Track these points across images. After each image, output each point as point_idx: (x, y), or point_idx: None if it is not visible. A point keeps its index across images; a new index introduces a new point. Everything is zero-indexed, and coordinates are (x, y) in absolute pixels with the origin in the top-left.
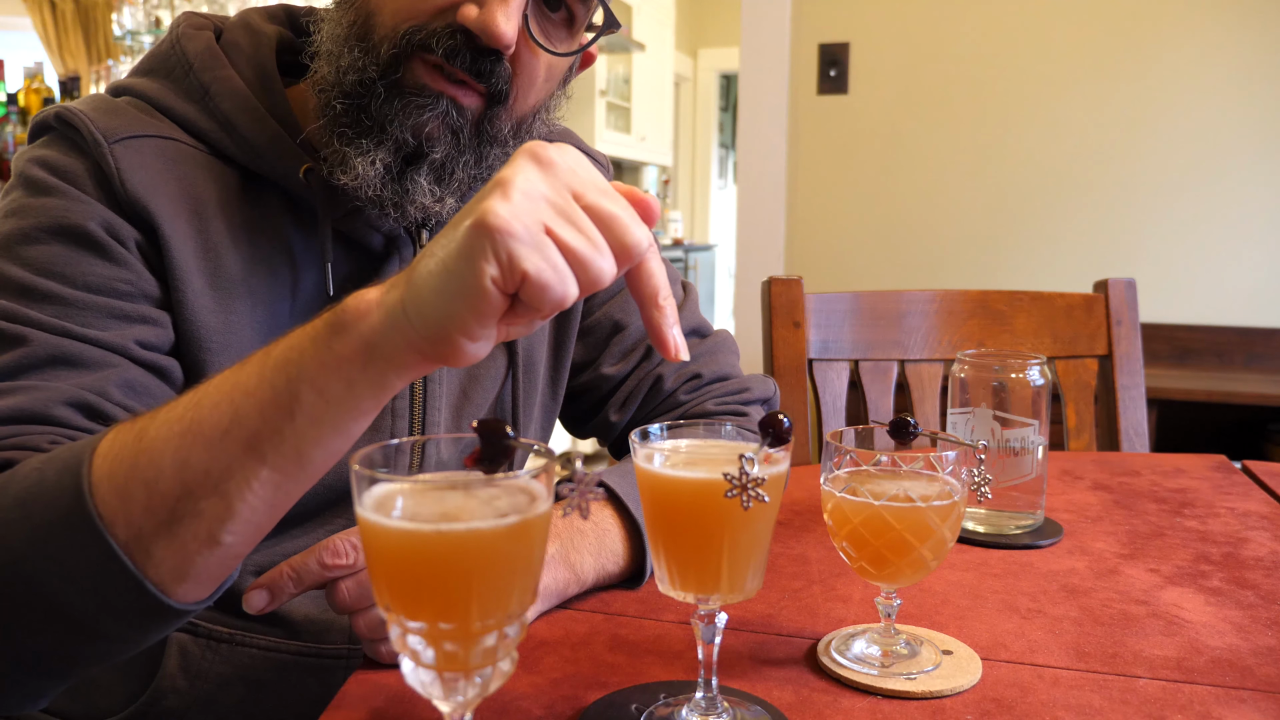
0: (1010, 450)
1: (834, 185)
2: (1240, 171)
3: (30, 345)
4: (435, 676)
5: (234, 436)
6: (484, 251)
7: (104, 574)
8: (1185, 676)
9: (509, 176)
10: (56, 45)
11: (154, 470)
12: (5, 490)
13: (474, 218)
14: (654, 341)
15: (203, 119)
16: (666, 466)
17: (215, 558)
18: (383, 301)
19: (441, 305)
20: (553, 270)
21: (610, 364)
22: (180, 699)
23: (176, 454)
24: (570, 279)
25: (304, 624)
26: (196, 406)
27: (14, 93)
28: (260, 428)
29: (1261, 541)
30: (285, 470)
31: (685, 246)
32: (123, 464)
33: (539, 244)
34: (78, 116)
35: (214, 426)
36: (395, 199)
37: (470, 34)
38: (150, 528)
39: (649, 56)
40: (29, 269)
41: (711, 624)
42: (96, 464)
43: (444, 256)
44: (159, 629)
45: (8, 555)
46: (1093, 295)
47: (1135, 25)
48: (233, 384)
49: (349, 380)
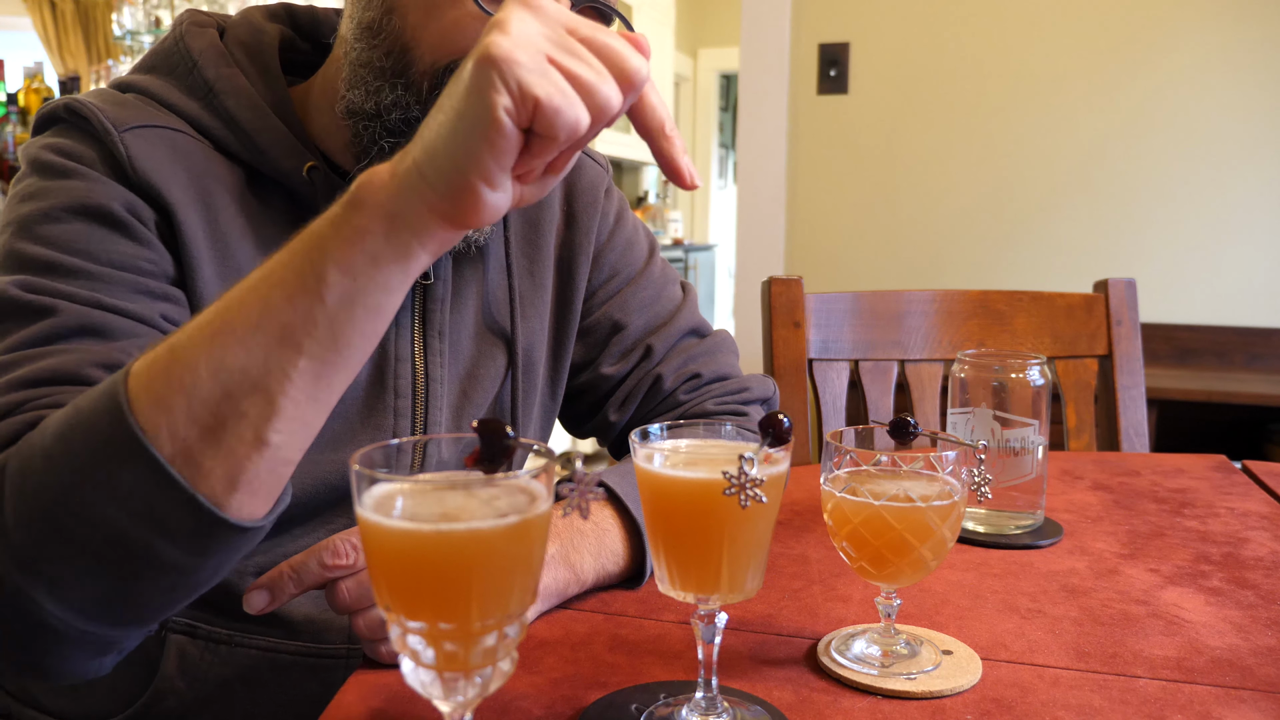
0: (1010, 450)
1: (834, 185)
2: (1240, 172)
3: (60, 315)
4: (435, 676)
5: (266, 329)
6: (493, 83)
7: (155, 492)
8: (1185, 676)
9: (503, 18)
10: (56, 45)
11: (191, 376)
12: (44, 431)
13: (476, 56)
14: (666, 172)
15: (206, 116)
16: (666, 466)
17: (265, 462)
18: (396, 170)
19: (458, 151)
20: (562, 95)
21: (609, 364)
22: (179, 700)
23: (210, 356)
24: (580, 104)
25: (303, 624)
26: (225, 308)
27: (14, 93)
28: (291, 316)
29: (1261, 541)
30: (322, 358)
31: (685, 246)
32: (158, 377)
33: (544, 70)
34: (87, 106)
35: (244, 322)
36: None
37: None
38: (195, 436)
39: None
40: (53, 247)
41: (711, 624)
42: (132, 383)
43: (452, 105)
44: (220, 551)
45: (58, 489)
46: (1093, 295)
47: (1135, 25)
48: (258, 279)
49: (373, 254)
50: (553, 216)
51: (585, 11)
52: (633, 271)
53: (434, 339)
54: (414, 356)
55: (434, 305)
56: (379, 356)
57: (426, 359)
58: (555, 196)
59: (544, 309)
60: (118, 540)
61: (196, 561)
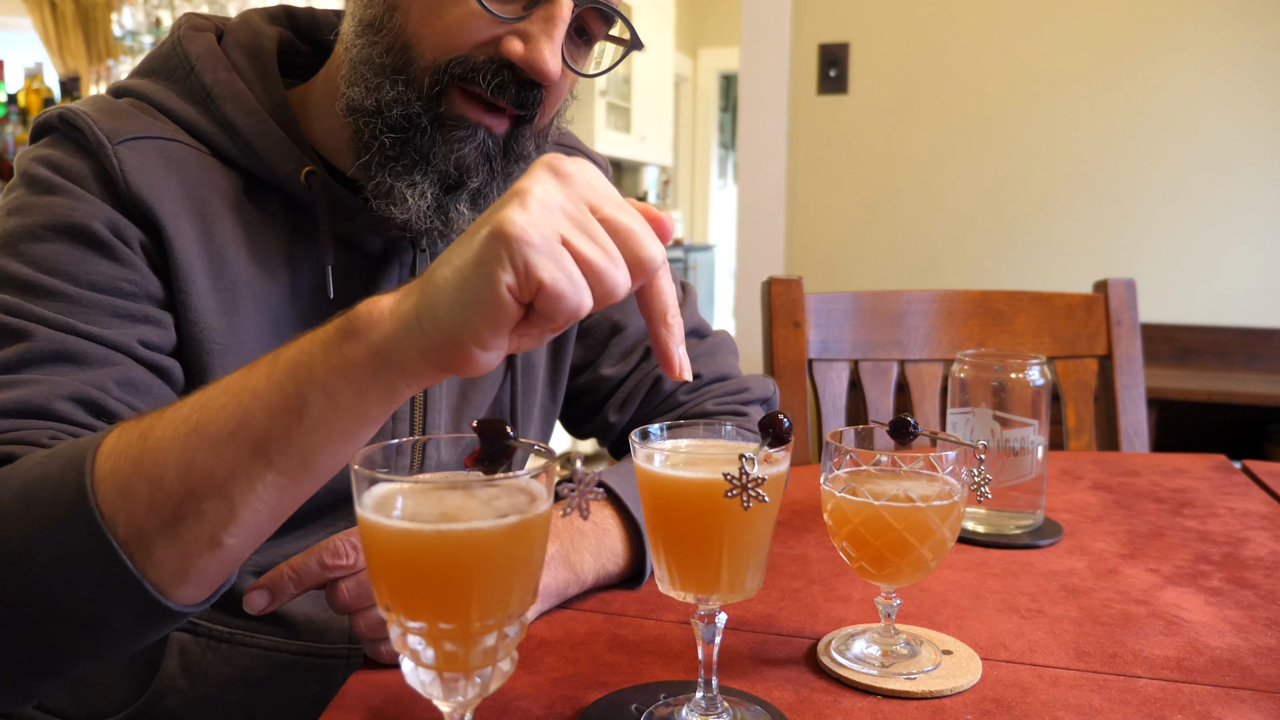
0: (1010, 450)
1: (834, 185)
2: (1240, 171)
3: (33, 340)
4: (435, 676)
5: (240, 439)
6: (500, 260)
7: (103, 573)
8: (1185, 676)
9: (526, 187)
10: (56, 45)
11: (158, 470)
12: (6, 484)
13: (491, 226)
14: (659, 359)
15: (204, 121)
16: (666, 466)
17: (216, 560)
18: (396, 309)
19: (456, 313)
20: (568, 280)
21: (609, 365)
22: (180, 699)
23: (182, 454)
24: (585, 290)
25: (304, 624)
26: (203, 408)
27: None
28: (267, 431)
29: (1261, 541)
30: (290, 474)
31: (685, 246)
32: (126, 462)
33: (555, 254)
34: (81, 117)
35: (220, 428)
36: (441, 228)
37: (515, 67)
38: (152, 527)
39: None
40: (33, 266)
41: (711, 624)
42: (100, 462)
43: (459, 265)
44: (155, 630)
45: (7, 550)
46: (1093, 295)
47: (1136, 25)
48: (240, 386)
49: (359, 387)
50: None
51: (587, 13)
52: None
53: None
54: None
55: None
56: None
57: None
58: None
59: None
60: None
61: (131, 638)
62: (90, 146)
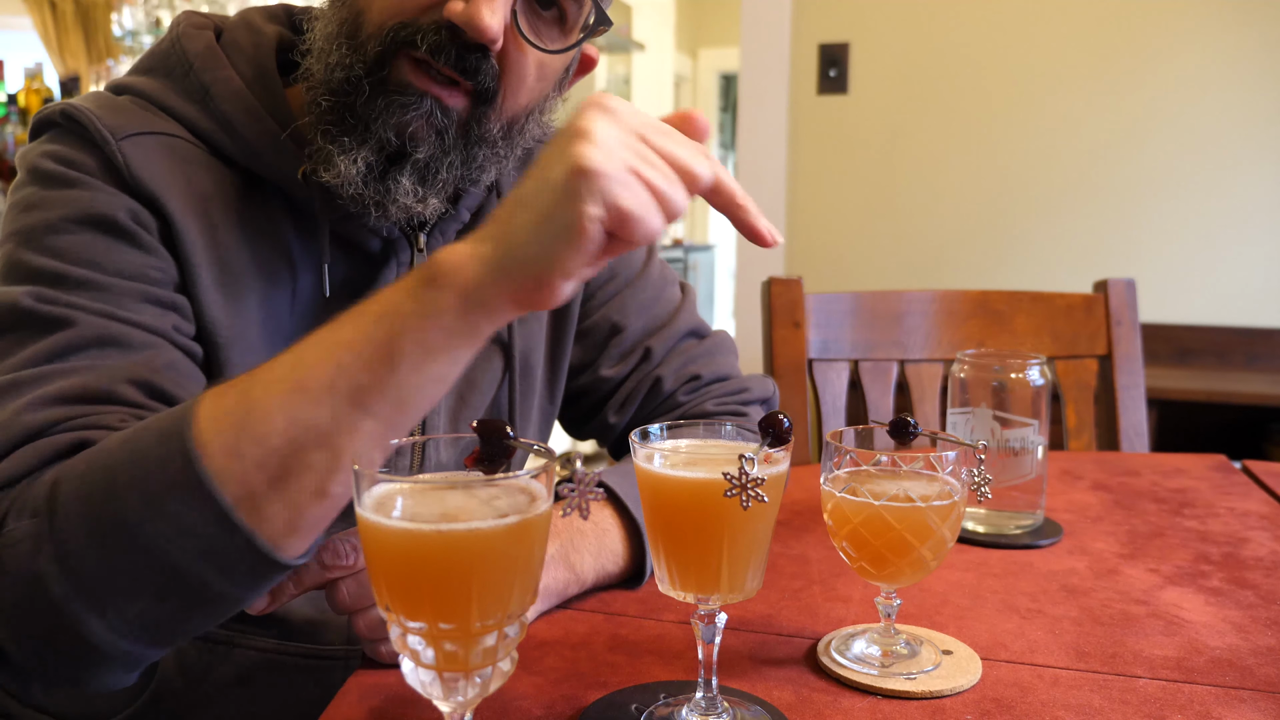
0: (1010, 450)
1: (834, 185)
2: (1241, 171)
3: (77, 327)
4: (435, 676)
5: (339, 390)
6: (584, 194)
7: (217, 533)
8: (1185, 676)
9: (587, 126)
10: (56, 45)
11: (264, 427)
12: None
13: (568, 164)
14: (749, 236)
15: (203, 119)
16: (666, 466)
17: (323, 509)
18: (476, 254)
19: (544, 250)
20: (644, 207)
21: (609, 366)
22: (178, 701)
23: (284, 411)
24: (658, 213)
25: (302, 625)
26: (299, 365)
27: (14, 93)
28: (365, 380)
29: (1261, 541)
30: (388, 419)
31: (685, 246)
32: (230, 425)
33: (629, 183)
34: (84, 113)
35: (319, 381)
36: (377, 198)
37: (456, 29)
38: (261, 485)
39: (649, 56)
40: (60, 258)
41: (711, 624)
42: (202, 427)
43: (540, 205)
44: (264, 585)
45: (122, 523)
46: (1093, 295)
47: (1136, 25)
48: (333, 341)
49: (447, 330)
50: None
51: None
52: (631, 273)
53: None
54: None
55: None
56: None
57: None
58: None
59: (541, 314)
60: (176, 574)
61: (245, 595)
62: (95, 140)
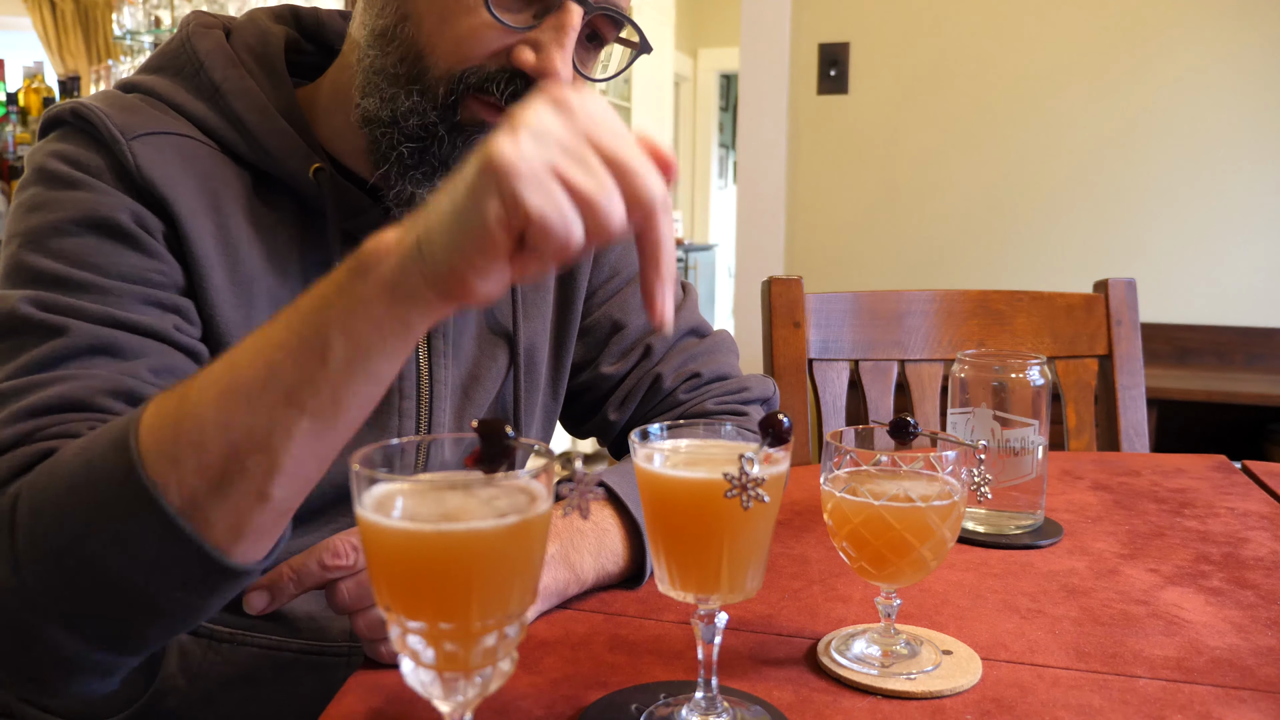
0: (1010, 450)
1: (834, 185)
2: (1240, 171)
3: (71, 335)
4: (435, 676)
5: (272, 390)
6: (489, 190)
7: (163, 542)
8: (1185, 676)
9: (522, 117)
10: (56, 45)
11: (199, 433)
12: (54, 475)
13: (482, 155)
14: (645, 303)
15: (214, 117)
16: (666, 466)
17: (268, 513)
18: (400, 241)
19: (451, 243)
20: (556, 211)
21: (609, 363)
22: (180, 699)
23: (218, 414)
24: (576, 223)
25: (304, 622)
26: (232, 367)
27: (14, 93)
28: (296, 378)
29: (1261, 541)
30: (324, 418)
31: (685, 246)
32: (168, 431)
33: (543, 185)
34: (94, 112)
35: (251, 383)
36: None
37: (528, 77)
38: (203, 490)
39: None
40: (63, 261)
41: (711, 624)
42: (143, 435)
43: (453, 196)
44: (222, 593)
45: (66, 538)
46: (1093, 295)
47: (1136, 25)
48: (264, 340)
49: (375, 321)
50: None
51: (597, 18)
52: (632, 272)
53: (437, 340)
54: (418, 358)
55: None
56: None
57: (430, 360)
58: None
59: (546, 309)
60: (126, 587)
61: (201, 603)
62: (105, 140)
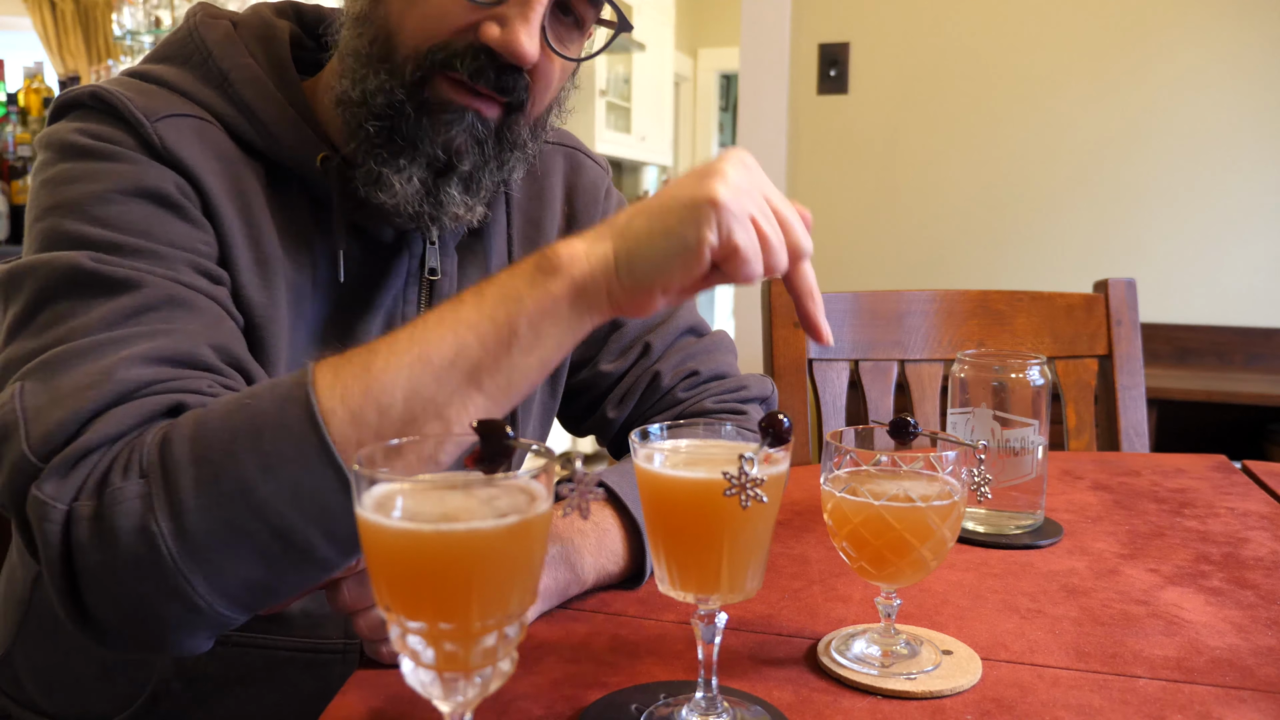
0: (1010, 450)
1: (834, 185)
2: (1241, 171)
3: (146, 288)
4: (435, 676)
5: (458, 367)
6: (708, 221)
7: (333, 499)
8: (1185, 676)
9: (725, 170)
10: (56, 45)
11: (387, 398)
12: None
13: (702, 193)
14: (809, 330)
15: (223, 105)
16: (666, 466)
17: None
18: (591, 252)
19: (657, 261)
20: (753, 249)
21: (608, 361)
22: (177, 700)
23: (408, 382)
24: (761, 261)
25: (300, 619)
26: (422, 341)
27: (14, 93)
28: (482, 358)
29: (1261, 541)
30: (495, 398)
31: None
32: (353, 394)
33: (747, 225)
34: (115, 95)
35: (440, 357)
36: (432, 212)
37: (493, 52)
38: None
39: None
40: (111, 228)
41: (711, 624)
42: (324, 394)
43: (665, 221)
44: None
45: (239, 484)
46: (1093, 295)
47: (1136, 25)
48: (455, 319)
49: (559, 317)
50: (554, 216)
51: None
52: None
53: None
54: None
55: (439, 300)
56: None
57: None
58: (557, 196)
59: None
60: (285, 537)
61: (343, 561)
62: (129, 121)
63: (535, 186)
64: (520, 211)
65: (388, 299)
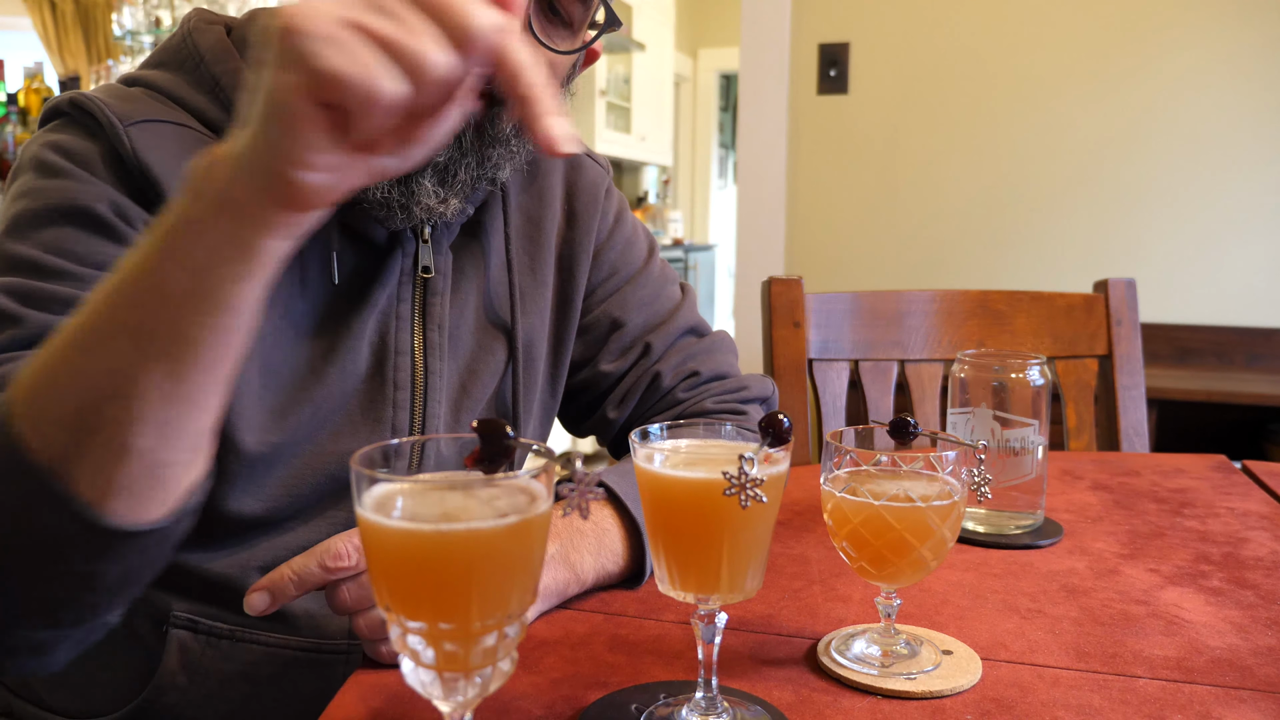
0: (1010, 450)
1: (834, 185)
2: (1240, 171)
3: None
4: (435, 676)
5: (114, 334)
6: (283, 60)
7: (37, 501)
8: (1185, 676)
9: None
10: (56, 45)
11: (53, 386)
12: None
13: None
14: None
15: (213, 109)
16: (666, 466)
17: (136, 467)
18: (225, 153)
19: (265, 135)
20: (356, 65)
21: (608, 361)
22: (180, 696)
23: (69, 364)
24: (384, 74)
25: (304, 619)
26: (81, 313)
27: (14, 93)
28: (136, 317)
29: (1261, 541)
30: (174, 356)
31: (685, 246)
32: (28, 386)
33: (339, 39)
34: (93, 101)
35: (95, 329)
36: (401, 200)
37: None
38: (65, 443)
39: (649, 56)
40: (39, 248)
41: (711, 624)
42: (12, 391)
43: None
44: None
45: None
46: (1093, 295)
47: (1136, 25)
48: (108, 287)
49: (209, 244)
50: (554, 215)
51: None
52: (632, 270)
53: (433, 332)
54: (413, 350)
55: (433, 299)
56: (379, 348)
57: (425, 352)
58: (556, 195)
59: (545, 305)
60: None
61: (98, 566)
62: (101, 129)
63: (535, 185)
64: (519, 210)
65: (381, 298)
